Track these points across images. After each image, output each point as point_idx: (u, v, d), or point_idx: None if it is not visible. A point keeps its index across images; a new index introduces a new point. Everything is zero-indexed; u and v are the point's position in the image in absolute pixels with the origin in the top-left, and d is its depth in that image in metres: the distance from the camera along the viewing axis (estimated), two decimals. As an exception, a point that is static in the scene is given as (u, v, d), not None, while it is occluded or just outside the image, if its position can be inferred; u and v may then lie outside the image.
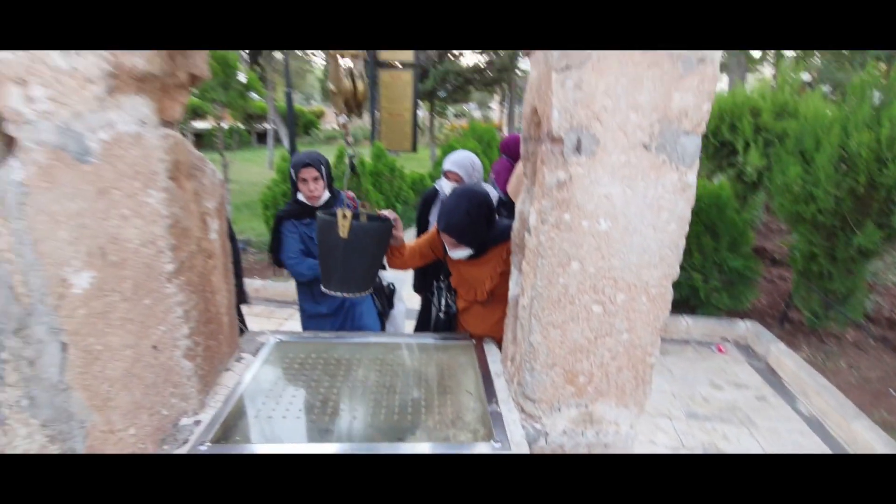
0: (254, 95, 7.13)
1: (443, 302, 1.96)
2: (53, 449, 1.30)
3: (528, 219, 1.34)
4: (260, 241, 6.13)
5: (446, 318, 1.97)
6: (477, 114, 31.41)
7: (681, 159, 1.14)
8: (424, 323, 2.57)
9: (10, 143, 1.11)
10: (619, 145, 1.12)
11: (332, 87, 1.26)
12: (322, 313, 2.51)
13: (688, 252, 3.78)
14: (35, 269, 1.14)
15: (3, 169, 1.09)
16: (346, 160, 1.65)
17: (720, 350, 3.67)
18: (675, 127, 1.12)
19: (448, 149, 9.45)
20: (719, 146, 5.30)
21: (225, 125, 8.25)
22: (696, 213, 3.73)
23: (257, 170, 13.21)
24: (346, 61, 1.33)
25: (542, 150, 1.23)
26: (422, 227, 2.80)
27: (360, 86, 1.28)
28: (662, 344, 3.82)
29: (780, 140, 4.51)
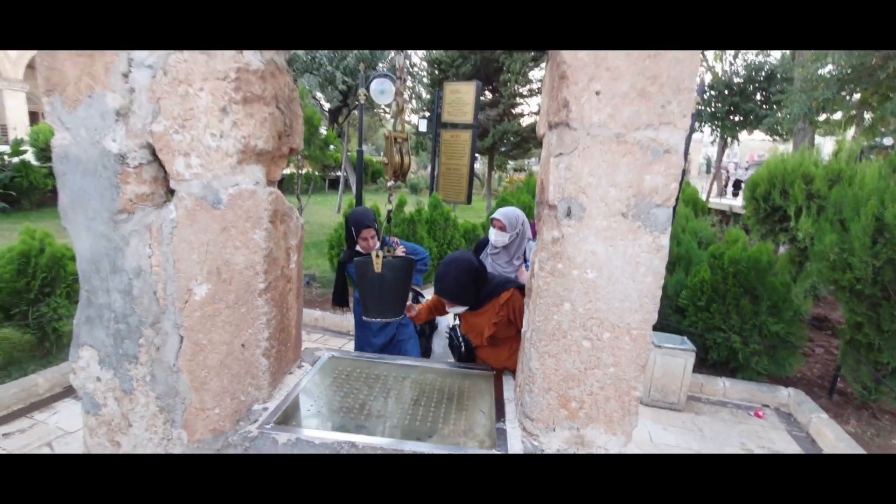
0: (331, 147, 8.08)
1: (460, 338, 2.28)
2: (161, 417, 1.73)
3: (534, 266, 1.66)
4: (324, 276, 6.75)
5: (466, 352, 2.28)
6: (536, 168, 32.06)
7: (654, 226, 1.43)
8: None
9: (169, 192, 1.62)
10: (602, 213, 1.43)
11: (384, 159, 1.70)
12: (374, 344, 2.89)
13: (726, 313, 3.81)
14: (172, 280, 1.62)
15: (163, 209, 1.60)
16: (386, 213, 2.08)
17: (758, 415, 3.58)
18: (648, 200, 1.41)
19: (501, 201, 9.90)
20: (770, 211, 5.29)
21: (303, 172, 9.28)
22: (735, 274, 3.79)
23: (327, 213, 14.38)
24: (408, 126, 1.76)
25: (544, 214, 1.56)
26: None
27: (406, 160, 1.70)
28: (696, 404, 3.83)
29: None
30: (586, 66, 1.35)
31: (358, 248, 2.80)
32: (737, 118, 13.06)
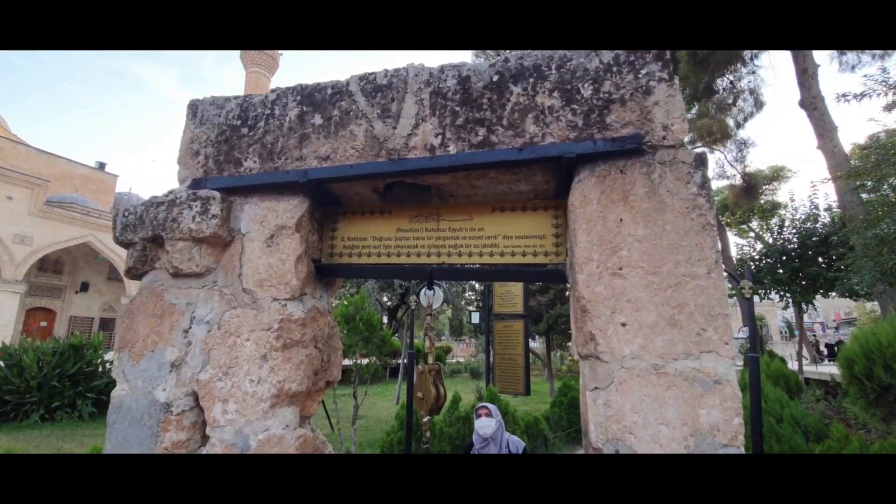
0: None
1: None
2: None
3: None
4: (373, 487, 6.15)
5: None
6: (600, 344, 30.77)
7: (725, 472, 1.20)
8: None
9: (205, 438, 1.63)
10: (657, 457, 1.23)
11: (419, 394, 1.66)
12: None
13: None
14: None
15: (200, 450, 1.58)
16: (423, 448, 1.96)
17: None
18: (711, 440, 1.22)
19: (564, 387, 9.22)
20: (881, 390, 4.49)
21: (364, 361, 9.38)
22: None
23: (385, 405, 13.98)
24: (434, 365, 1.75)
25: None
26: None
27: (443, 391, 1.66)
28: None
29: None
30: (606, 300, 1.35)
31: None
32: (804, 282, 12.52)
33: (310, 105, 1.74)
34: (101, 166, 33.84)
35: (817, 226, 11.94)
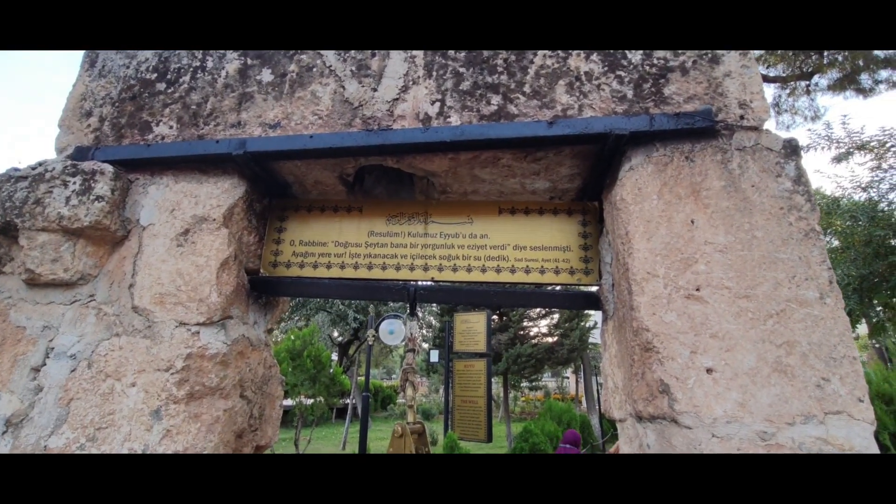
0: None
1: None
2: None
3: None
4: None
5: None
6: (552, 384, 30.66)
7: None
8: None
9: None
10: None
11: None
12: None
13: None
14: None
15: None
16: None
17: None
18: (853, 554, 0.80)
19: (524, 432, 8.70)
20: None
21: (308, 401, 8.43)
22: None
23: (330, 451, 12.81)
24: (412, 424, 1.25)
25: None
26: None
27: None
28: None
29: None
30: (682, 333, 0.93)
31: None
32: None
33: (256, 57, 1.28)
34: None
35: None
